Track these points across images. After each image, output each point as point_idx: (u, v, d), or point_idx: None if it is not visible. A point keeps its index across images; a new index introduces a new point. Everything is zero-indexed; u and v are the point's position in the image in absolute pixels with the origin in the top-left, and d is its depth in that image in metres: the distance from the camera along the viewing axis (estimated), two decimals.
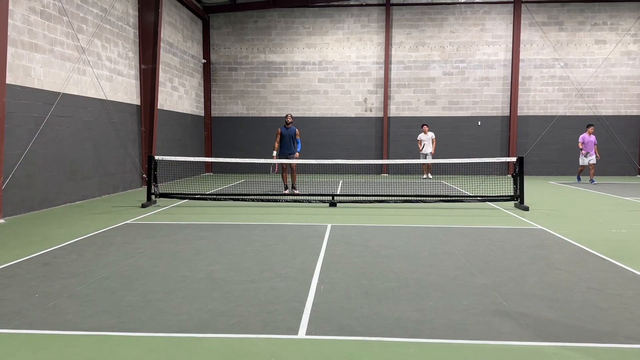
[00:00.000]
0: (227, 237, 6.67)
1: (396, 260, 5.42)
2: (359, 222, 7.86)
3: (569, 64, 17.99)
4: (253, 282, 4.57)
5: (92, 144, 10.73)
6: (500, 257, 5.58)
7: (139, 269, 5.02)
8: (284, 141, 11.56)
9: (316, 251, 5.81)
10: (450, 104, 18.42)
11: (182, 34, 16.59)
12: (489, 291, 4.32)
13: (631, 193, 12.21)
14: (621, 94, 18.06)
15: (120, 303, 3.97)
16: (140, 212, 8.89)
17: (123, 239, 6.51)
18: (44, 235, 6.73)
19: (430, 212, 9.05)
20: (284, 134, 11.53)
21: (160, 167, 11.43)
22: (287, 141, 11.57)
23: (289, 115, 11.71)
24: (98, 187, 11.10)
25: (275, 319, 3.64)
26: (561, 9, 17.93)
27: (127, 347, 3.15)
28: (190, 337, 3.32)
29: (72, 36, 10.05)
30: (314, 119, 18.74)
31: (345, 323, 3.56)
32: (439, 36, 18.28)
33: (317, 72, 18.68)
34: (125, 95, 12.44)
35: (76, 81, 10.20)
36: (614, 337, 3.33)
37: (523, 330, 3.46)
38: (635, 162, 18.25)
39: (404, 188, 13.01)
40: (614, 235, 6.90)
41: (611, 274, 4.90)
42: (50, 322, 3.58)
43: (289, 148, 11.63)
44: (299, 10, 18.51)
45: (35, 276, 4.73)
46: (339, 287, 4.41)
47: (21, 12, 8.53)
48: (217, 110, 19.15)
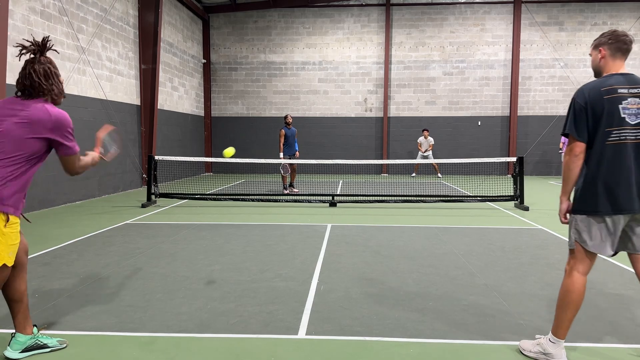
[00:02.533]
0: (227, 237, 6.67)
1: (396, 260, 5.42)
2: (359, 222, 7.86)
3: (569, 64, 17.99)
4: (253, 282, 4.57)
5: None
6: (500, 257, 5.58)
7: (139, 269, 5.02)
8: (288, 141, 11.65)
9: (316, 251, 5.81)
10: (450, 104, 18.42)
11: (182, 34, 16.59)
12: (489, 291, 4.32)
13: None
14: None
15: (120, 303, 3.97)
16: (140, 212, 8.89)
17: (123, 239, 6.51)
18: (44, 235, 6.73)
19: (430, 212, 9.05)
20: (288, 134, 11.61)
21: (160, 167, 11.43)
22: (291, 141, 11.68)
23: (289, 115, 11.74)
24: (98, 187, 11.11)
25: (275, 319, 3.64)
26: (561, 9, 17.93)
27: (127, 347, 3.15)
28: (190, 337, 3.32)
29: (72, 36, 10.05)
30: (314, 119, 18.74)
31: (345, 323, 3.56)
32: (439, 36, 18.28)
33: (317, 72, 18.68)
34: (125, 95, 12.44)
35: (76, 81, 10.20)
36: (614, 337, 3.33)
37: (523, 330, 3.45)
38: None
39: (404, 188, 13.01)
40: None
41: (611, 274, 4.90)
42: (50, 322, 3.57)
43: (293, 148, 11.72)
44: (299, 10, 18.51)
45: (35, 276, 4.73)
46: (339, 287, 4.41)
47: (21, 12, 8.53)
48: (217, 110, 19.16)
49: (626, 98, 2.70)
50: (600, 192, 2.76)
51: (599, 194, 2.77)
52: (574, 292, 2.86)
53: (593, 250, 2.84)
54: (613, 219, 2.79)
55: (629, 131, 2.71)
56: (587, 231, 2.83)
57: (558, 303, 2.94)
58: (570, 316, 2.88)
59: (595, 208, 2.78)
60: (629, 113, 2.70)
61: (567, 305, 2.87)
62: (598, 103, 2.73)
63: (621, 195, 2.73)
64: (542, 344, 2.97)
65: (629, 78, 2.76)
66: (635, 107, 2.70)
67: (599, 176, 2.77)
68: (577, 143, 2.79)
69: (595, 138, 2.76)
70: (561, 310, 2.91)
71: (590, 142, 2.78)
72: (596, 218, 2.80)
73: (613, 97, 2.71)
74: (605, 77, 2.82)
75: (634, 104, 2.70)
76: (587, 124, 2.76)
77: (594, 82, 2.83)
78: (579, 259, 2.89)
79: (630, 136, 2.72)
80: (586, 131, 2.77)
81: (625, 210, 2.75)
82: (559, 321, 2.92)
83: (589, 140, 2.78)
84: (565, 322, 2.90)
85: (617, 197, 2.74)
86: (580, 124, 2.77)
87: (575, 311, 2.88)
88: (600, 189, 2.77)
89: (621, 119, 2.70)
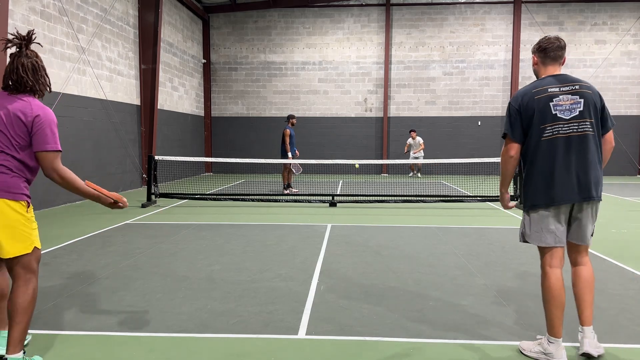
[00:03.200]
0: (227, 237, 6.67)
1: (396, 260, 5.42)
2: (359, 222, 7.86)
3: (569, 64, 17.98)
4: (253, 282, 4.57)
5: (92, 144, 10.72)
6: (500, 257, 5.58)
7: (139, 269, 5.02)
8: (292, 141, 11.74)
9: (316, 251, 5.81)
10: (450, 104, 18.42)
11: (182, 34, 16.59)
12: (489, 291, 4.32)
13: (631, 193, 12.21)
14: (621, 94, 18.06)
15: (120, 303, 3.97)
16: (140, 212, 8.89)
17: (123, 239, 6.51)
18: (44, 235, 6.70)
19: (430, 212, 9.05)
20: (292, 134, 11.70)
21: (160, 167, 11.44)
22: (293, 141, 11.79)
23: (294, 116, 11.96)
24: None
25: (275, 319, 3.64)
26: (561, 9, 17.93)
27: (127, 347, 3.15)
28: (190, 337, 3.32)
29: (72, 36, 10.05)
30: (314, 119, 18.74)
31: (345, 323, 3.56)
32: (439, 36, 18.28)
33: (317, 72, 18.68)
34: (125, 95, 12.44)
35: (76, 81, 10.20)
36: (614, 337, 3.33)
37: (523, 330, 3.45)
38: (635, 162, 18.25)
39: (404, 188, 13.01)
40: (614, 235, 6.90)
41: (611, 274, 4.90)
42: (50, 322, 3.57)
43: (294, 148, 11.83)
44: (299, 10, 18.51)
45: None
46: (339, 287, 4.41)
47: (21, 12, 8.53)
48: (217, 110, 19.16)
49: (558, 96, 2.88)
50: (540, 186, 2.93)
51: (539, 187, 2.93)
52: (552, 288, 2.92)
53: (532, 242, 3.01)
54: (554, 211, 2.92)
55: (563, 126, 2.87)
56: (529, 224, 3.02)
57: (543, 302, 2.99)
58: (557, 313, 2.92)
59: (535, 201, 2.96)
60: (561, 109, 2.88)
61: (550, 302, 2.93)
62: (530, 104, 2.91)
63: (559, 188, 2.87)
64: (543, 344, 2.98)
65: (561, 78, 2.95)
66: (568, 103, 2.88)
67: (538, 171, 2.93)
68: (512, 144, 2.99)
69: (532, 136, 2.93)
70: (546, 308, 2.97)
71: (528, 140, 2.95)
72: (538, 211, 2.96)
73: (544, 97, 2.89)
74: (538, 80, 3.02)
75: (566, 100, 2.88)
76: (521, 125, 2.96)
77: (527, 86, 3.03)
78: (546, 254, 2.99)
79: (563, 130, 2.87)
80: (521, 132, 2.97)
81: (564, 201, 2.88)
82: (548, 320, 2.97)
83: (528, 138, 2.96)
84: (554, 319, 2.92)
85: (556, 190, 2.88)
86: (515, 126, 2.97)
87: (561, 306, 2.91)
88: (540, 183, 2.93)
89: (553, 115, 2.88)
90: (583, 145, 2.87)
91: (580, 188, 2.87)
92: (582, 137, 2.87)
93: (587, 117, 2.87)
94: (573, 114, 2.87)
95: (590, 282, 2.98)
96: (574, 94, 2.89)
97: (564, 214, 2.93)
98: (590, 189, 2.88)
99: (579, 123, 2.87)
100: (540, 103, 2.89)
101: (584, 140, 2.87)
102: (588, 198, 2.88)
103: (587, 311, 2.96)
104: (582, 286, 2.98)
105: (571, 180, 2.87)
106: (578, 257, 3.04)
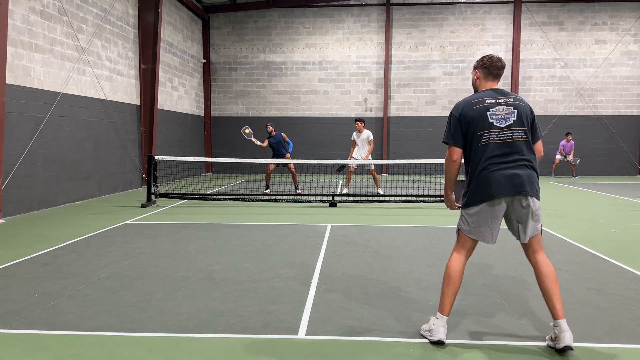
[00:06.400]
0: (227, 237, 6.66)
1: (396, 260, 5.42)
2: (359, 222, 7.86)
3: (569, 64, 17.99)
4: (253, 282, 4.57)
5: (92, 144, 10.72)
6: (500, 257, 5.58)
7: (139, 269, 5.02)
8: (272, 148, 11.85)
9: (316, 251, 5.81)
10: (450, 104, 18.40)
11: (182, 34, 16.59)
12: (489, 291, 4.32)
13: (631, 193, 12.21)
14: (621, 94, 18.06)
15: (120, 303, 3.97)
16: (140, 212, 8.89)
17: (123, 239, 6.51)
18: (44, 235, 6.73)
19: (430, 212, 9.05)
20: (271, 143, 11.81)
21: (160, 167, 11.43)
22: (275, 148, 11.84)
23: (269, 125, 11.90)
24: (98, 187, 11.10)
25: (275, 319, 3.64)
26: (561, 9, 17.93)
27: (127, 347, 3.15)
28: (190, 337, 3.32)
29: (72, 36, 10.05)
30: (314, 118, 18.74)
31: (345, 323, 3.56)
32: (439, 36, 18.28)
33: (317, 72, 18.67)
34: (125, 95, 12.44)
35: (76, 81, 10.20)
36: (614, 337, 3.33)
37: (523, 330, 3.46)
38: (635, 162, 18.25)
39: (404, 188, 13.01)
40: (614, 235, 6.90)
41: (611, 274, 4.89)
42: (50, 322, 3.57)
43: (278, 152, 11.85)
44: (299, 10, 18.50)
45: (35, 276, 4.73)
46: (339, 287, 4.41)
47: (21, 12, 8.53)
48: (217, 110, 19.15)
49: (494, 106, 3.21)
50: (479, 184, 3.19)
51: (478, 185, 3.19)
52: (452, 270, 3.27)
53: (470, 235, 3.29)
54: (490, 208, 3.18)
55: (498, 132, 3.17)
56: (466, 220, 3.29)
57: (442, 282, 3.31)
58: (450, 292, 3.24)
59: (475, 198, 3.21)
60: (497, 118, 3.19)
61: (447, 281, 3.26)
62: (469, 113, 3.23)
63: (494, 185, 3.13)
64: (431, 322, 3.27)
65: (498, 91, 3.30)
66: (503, 112, 3.20)
67: (478, 172, 3.19)
68: (454, 149, 3.29)
69: (472, 141, 3.23)
70: (443, 288, 3.28)
71: (469, 146, 3.25)
72: (474, 208, 3.22)
73: (481, 107, 3.22)
74: (478, 93, 3.34)
75: (502, 111, 3.20)
76: (461, 132, 3.26)
77: (468, 97, 3.33)
78: (460, 242, 3.35)
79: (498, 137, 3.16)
80: (461, 138, 3.27)
81: (499, 194, 3.13)
82: (441, 296, 3.28)
83: (468, 144, 3.26)
84: (445, 297, 3.25)
85: (492, 187, 3.14)
86: (456, 133, 3.27)
87: (454, 289, 3.25)
88: (479, 182, 3.19)
89: (490, 123, 3.18)
90: (517, 149, 3.16)
91: (515, 184, 3.12)
92: (516, 142, 3.16)
93: (520, 125, 3.18)
94: (508, 122, 3.18)
95: (553, 276, 3.17)
96: (509, 105, 3.21)
97: (500, 211, 3.20)
98: (524, 184, 3.12)
99: (513, 130, 3.17)
100: (478, 112, 3.20)
101: (518, 145, 3.16)
102: (521, 192, 3.12)
103: (558, 304, 3.11)
104: (546, 281, 3.16)
105: (506, 177, 3.12)
106: (532, 255, 3.27)
